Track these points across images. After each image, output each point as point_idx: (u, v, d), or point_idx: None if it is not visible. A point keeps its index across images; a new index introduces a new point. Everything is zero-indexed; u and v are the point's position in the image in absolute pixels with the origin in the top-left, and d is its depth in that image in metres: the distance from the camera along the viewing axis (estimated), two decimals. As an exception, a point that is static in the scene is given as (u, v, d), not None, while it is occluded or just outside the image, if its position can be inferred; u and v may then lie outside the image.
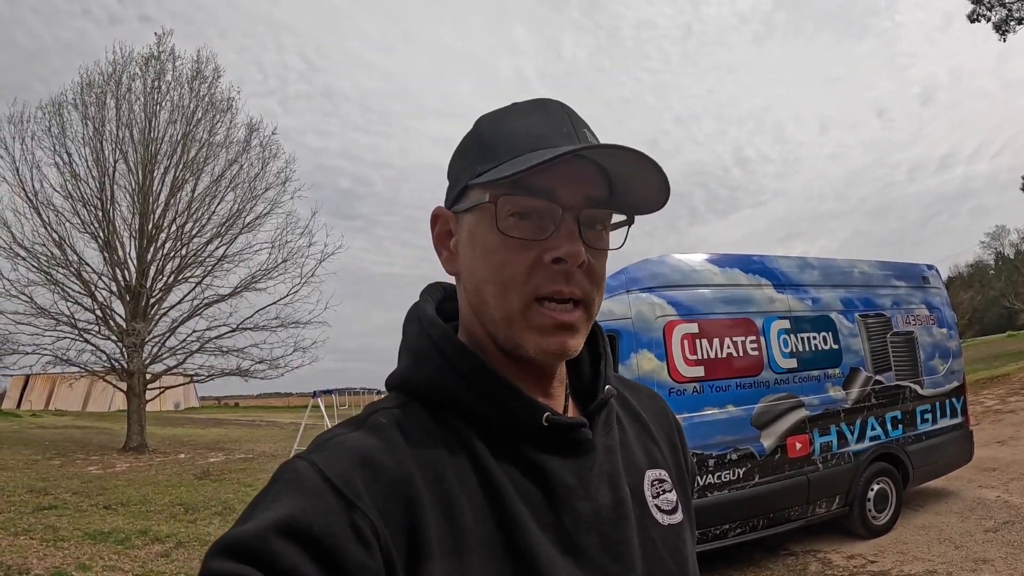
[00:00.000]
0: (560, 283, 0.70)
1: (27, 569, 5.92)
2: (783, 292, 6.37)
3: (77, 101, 17.54)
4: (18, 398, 48.48)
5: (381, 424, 0.69)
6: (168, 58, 18.63)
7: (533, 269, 0.70)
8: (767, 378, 5.94)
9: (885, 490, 6.56)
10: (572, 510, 0.70)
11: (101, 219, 17.64)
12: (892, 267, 7.52)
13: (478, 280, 0.73)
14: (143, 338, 17.87)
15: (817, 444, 6.07)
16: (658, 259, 6.00)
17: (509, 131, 0.73)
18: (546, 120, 0.73)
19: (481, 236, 0.72)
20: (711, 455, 5.46)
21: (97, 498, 9.95)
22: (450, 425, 0.71)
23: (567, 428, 0.73)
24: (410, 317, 0.81)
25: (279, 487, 0.62)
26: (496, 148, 0.72)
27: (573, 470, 0.72)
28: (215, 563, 0.56)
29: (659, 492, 0.82)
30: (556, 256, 0.69)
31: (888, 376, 6.79)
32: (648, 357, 5.49)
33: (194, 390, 55.81)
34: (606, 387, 0.82)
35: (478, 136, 0.76)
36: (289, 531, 0.56)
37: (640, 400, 0.93)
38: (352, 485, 0.61)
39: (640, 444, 0.85)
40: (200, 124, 18.59)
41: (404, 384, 0.76)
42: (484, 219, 0.71)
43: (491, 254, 0.71)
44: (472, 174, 0.73)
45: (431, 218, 0.80)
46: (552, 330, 0.71)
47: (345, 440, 0.66)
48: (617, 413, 0.85)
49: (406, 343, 0.80)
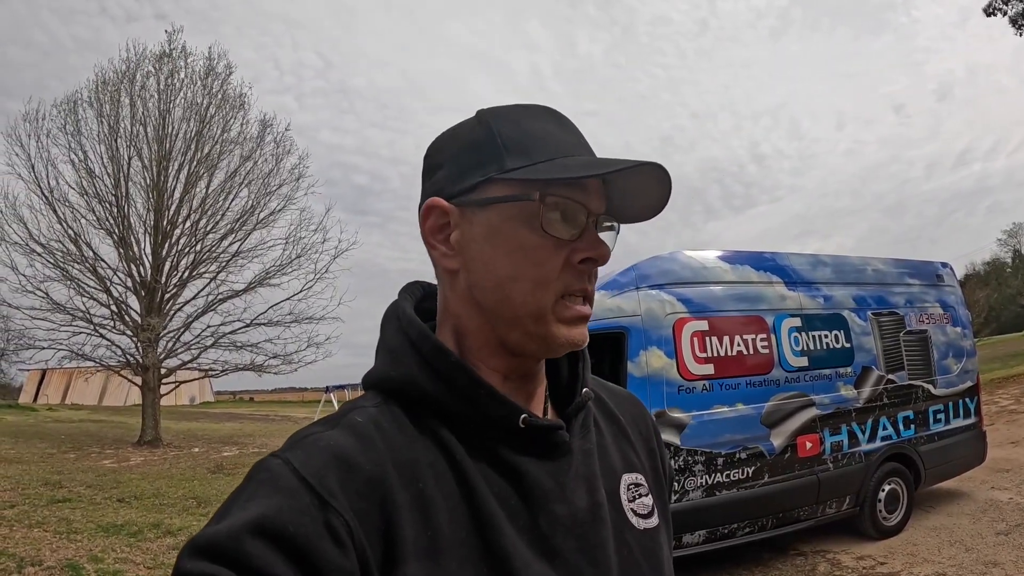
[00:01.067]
0: (584, 281, 0.74)
1: (40, 561, 5.98)
2: (795, 289, 6.33)
3: (92, 99, 17.69)
4: (35, 392, 49.03)
5: (357, 423, 0.69)
6: (180, 55, 18.76)
7: (564, 268, 0.72)
8: (777, 376, 5.91)
9: (896, 491, 6.51)
10: (548, 512, 0.70)
11: (116, 215, 17.79)
12: (906, 265, 7.44)
13: (500, 277, 0.72)
14: (158, 333, 18.01)
15: (828, 443, 6.04)
16: (668, 256, 5.98)
17: (537, 132, 0.74)
18: (563, 128, 0.76)
19: (512, 233, 0.72)
20: (720, 453, 5.44)
21: (111, 491, 10.04)
22: (427, 425, 0.71)
23: (544, 430, 0.73)
24: (388, 315, 0.81)
25: (253, 486, 0.61)
26: (527, 147, 0.72)
27: (550, 472, 0.73)
28: (189, 563, 0.56)
29: (635, 496, 0.82)
30: (587, 256, 0.72)
31: (901, 375, 6.73)
32: (657, 355, 5.47)
33: (209, 385, 56.15)
34: (583, 389, 0.81)
35: (494, 132, 0.75)
36: (263, 531, 0.56)
37: (618, 403, 0.92)
38: (327, 484, 0.61)
39: (617, 447, 0.85)
40: (213, 120, 18.70)
41: (381, 383, 0.76)
42: (517, 215, 0.71)
43: (526, 252, 0.71)
44: (500, 167, 0.72)
45: (424, 210, 0.77)
46: (576, 322, 0.74)
47: (320, 438, 0.66)
48: (595, 416, 0.85)
49: (383, 341, 0.79)
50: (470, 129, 0.77)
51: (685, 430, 5.35)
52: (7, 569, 5.72)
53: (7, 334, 18.97)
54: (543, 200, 0.70)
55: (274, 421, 30.91)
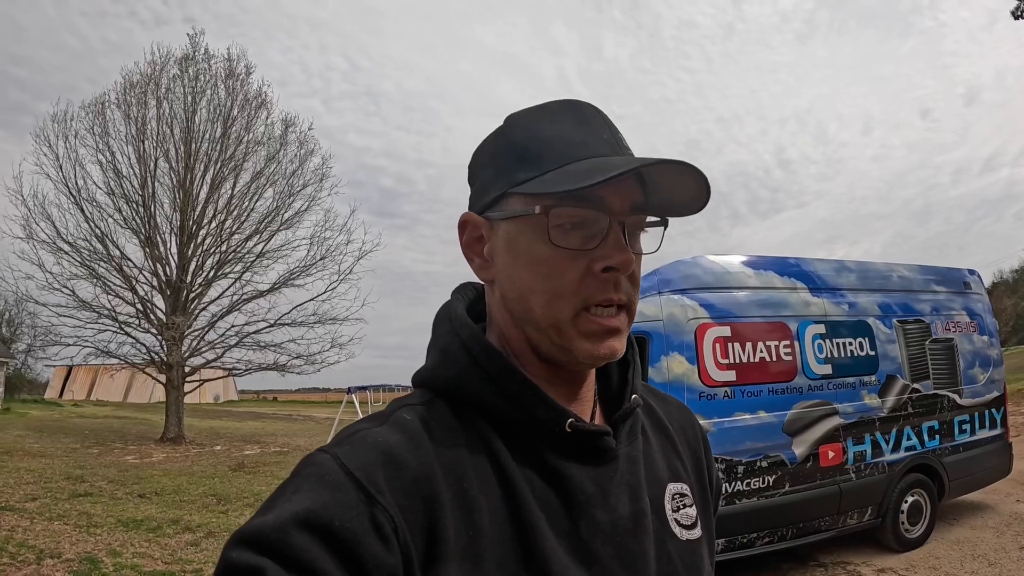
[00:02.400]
0: (610, 291, 0.71)
1: (59, 553, 6.09)
2: (819, 296, 6.26)
3: (120, 100, 17.98)
4: (61, 388, 49.83)
5: (405, 421, 0.69)
6: (203, 57, 19.03)
7: (583, 278, 0.70)
8: (800, 384, 5.84)
9: (919, 502, 6.40)
10: (589, 518, 0.70)
11: (143, 215, 18.10)
12: (932, 271, 7.33)
13: (522, 289, 0.72)
14: (182, 332, 18.28)
15: (851, 453, 5.95)
16: (691, 260, 5.93)
17: (549, 137, 0.72)
18: (584, 126, 0.74)
19: (526, 246, 0.72)
20: (741, 461, 5.39)
21: (132, 487, 10.20)
22: (474, 425, 0.71)
23: (590, 435, 0.73)
24: (441, 315, 0.81)
25: (301, 480, 0.62)
26: (538, 155, 0.71)
27: (593, 478, 0.72)
28: (234, 553, 0.56)
29: (679, 506, 0.81)
30: (608, 265, 0.70)
31: (926, 384, 6.62)
32: (679, 360, 5.44)
33: (233, 384, 56.73)
34: (632, 396, 0.81)
35: (512, 140, 0.75)
36: (309, 524, 0.57)
37: (667, 411, 0.92)
38: (374, 480, 0.61)
39: (663, 456, 0.85)
40: (237, 121, 18.91)
41: (431, 381, 0.76)
42: (529, 228, 0.71)
43: (539, 264, 0.71)
44: (512, 181, 0.72)
45: (459, 224, 0.79)
46: (602, 335, 0.72)
47: (369, 435, 0.66)
48: (643, 423, 0.84)
49: (435, 341, 0.80)
50: (493, 139, 0.78)
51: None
52: (26, 560, 5.81)
53: (34, 330, 19.34)
54: (547, 213, 0.69)
55: (296, 421, 31.17)
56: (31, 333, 31.83)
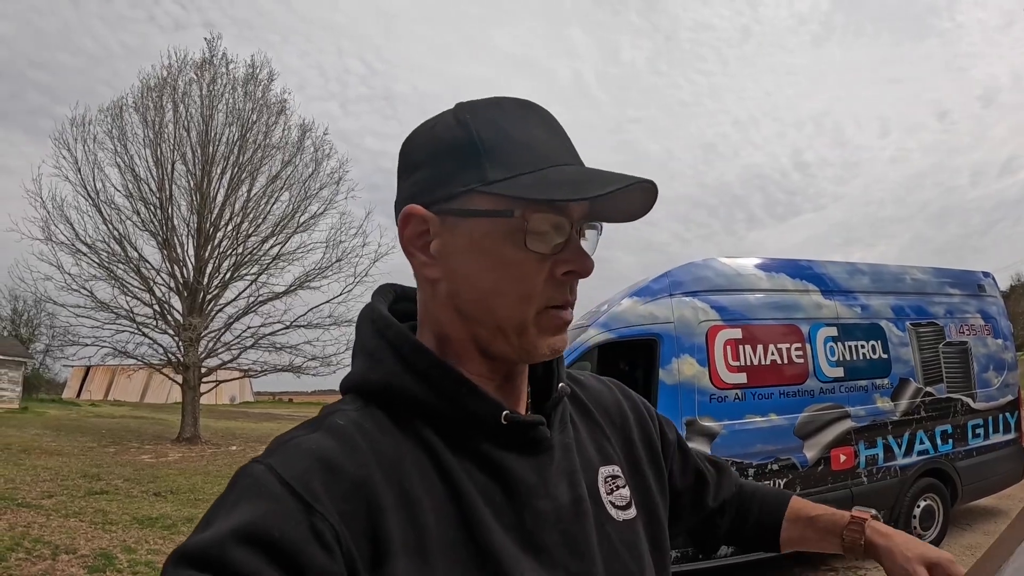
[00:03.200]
0: (567, 294, 0.73)
1: (74, 549, 6.18)
2: (831, 298, 6.25)
3: (137, 104, 18.17)
4: (78, 388, 50.28)
5: (339, 426, 0.68)
6: (221, 62, 19.18)
7: (547, 281, 0.71)
8: (812, 387, 5.84)
9: (932, 507, 6.37)
10: (532, 508, 0.71)
11: (160, 218, 18.28)
12: (946, 274, 7.28)
13: (483, 291, 0.71)
14: (199, 333, 18.43)
15: (863, 457, 5.94)
16: (702, 262, 5.95)
17: (518, 139, 0.71)
18: (548, 131, 0.74)
19: (494, 248, 0.70)
20: (751, 464, 5.40)
21: (148, 485, 10.32)
22: (409, 425, 0.71)
23: (526, 426, 0.74)
24: (363, 317, 0.80)
25: (237, 492, 0.61)
26: (509, 155, 0.70)
27: (533, 468, 0.73)
28: (174, 572, 0.55)
29: (613, 488, 0.82)
30: (570, 270, 0.71)
31: (939, 388, 6.59)
32: (690, 362, 5.45)
33: (249, 385, 57.05)
34: (559, 384, 0.82)
35: (474, 135, 0.71)
36: (249, 537, 0.56)
37: (589, 395, 0.92)
38: (311, 488, 0.60)
39: (592, 440, 0.86)
40: (255, 126, 19.06)
41: (360, 386, 0.75)
42: (499, 230, 0.69)
43: (510, 267, 0.70)
44: (481, 179, 0.69)
45: (402, 217, 0.74)
46: (558, 330, 0.74)
47: (303, 442, 0.65)
48: (570, 411, 0.85)
49: (360, 344, 0.79)
50: (448, 128, 0.73)
51: (716, 439, 5.32)
52: (42, 556, 5.90)
53: (52, 331, 19.57)
54: (526, 218, 0.68)
55: (310, 422, 31.22)
56: (49, 333, 32.12)
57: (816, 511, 0.98)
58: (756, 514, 1.02)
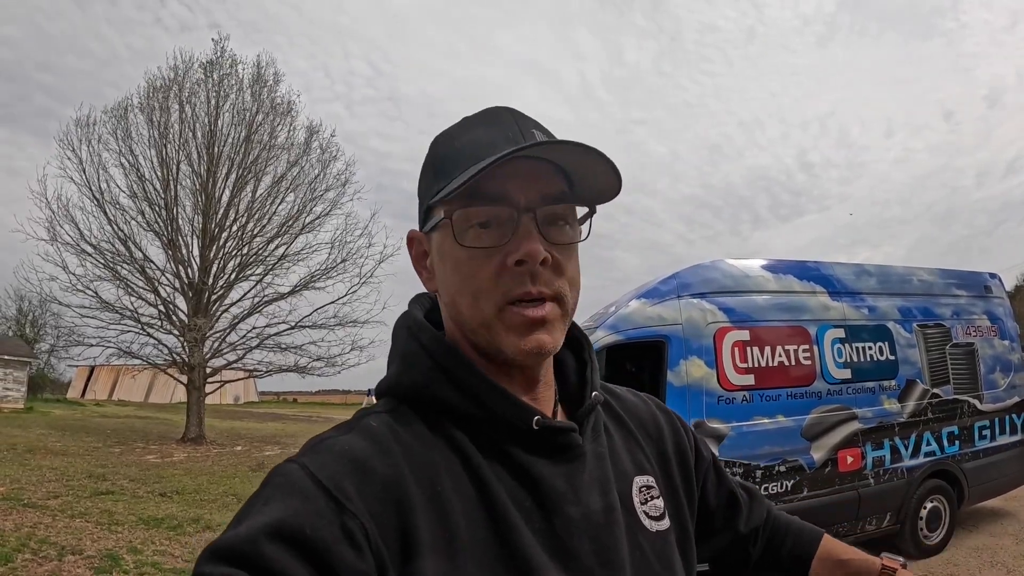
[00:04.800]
0: (527, 284, 0.71)
1: (80, 550, 6.18)
2: (838, 300, 6.26)
3: (143, 104, 18.21)
4: (83, 388, 50.39)
5: (372, 427, 0.70)
6: (228, 63, 19.23)
7: (499, 274, 0.71)
8: (820, 388, 5.84)
9: (939, 508, 6.37)
10: (562, 515, 0.71)
11: (165, 218, 18.32)
12: (953, 275, 7.28)
13: (452, 293, 0.74)
14: (204, 333, 18.46)
15: (870, 458, 5.94)
16: (710, 264, 5.96)
17: (460, 146, 0.74)
18: (493, 128, 0.74)
19: (447, 251, 0.74)
20: (759, 466, 5.40)
21: (153, 485, 10.33)
22: (441, 428, 0.72)
23: (557, 432, 0.74)
24: (399, 324, 0.83)
25: (270, 490, 0.62)
26: (448, 165, 0.74)
27: (563, 475, 0.73)
28: (207, 568, 0.56)
29: (647, 498, 0.82)
30: (517, 258, 0.70)
31: (946, 389, 6.59)
32: (697, 364, 5.46)
33: (254, 385, 57.17)
34: (593, 393, 0.82)
35: (433, 155, 0.78)
36: (280, 534, 0.57)
37: (625, 407, 0.93)
38: (343, 488, 0.61)
39: (627, 450, 0.86)
40: (261, 127, 19.09)
41: (394, 389, 0.77)
42: (447, 235, 0.73)
43: (459, 266, 0.73)
44: (431, 193, 0.75)
45: (407, 242, 0.82)
46: (527, 328, 0.71)
47: (336, 443, 0.67)
48: (604, 420, 0.86)
49: (395, 348, 0.80)
50: (425, 158, 0.80)
51: (724, 441, 5.32)
52: (48, 556, 5.90)
53: (57, 331, 19.60)
54: (451, 217, 0.71)
55: (316, 422, 31.29)
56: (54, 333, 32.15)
57: (847, 554, 0.98)
58: (789, 547, 1.01)
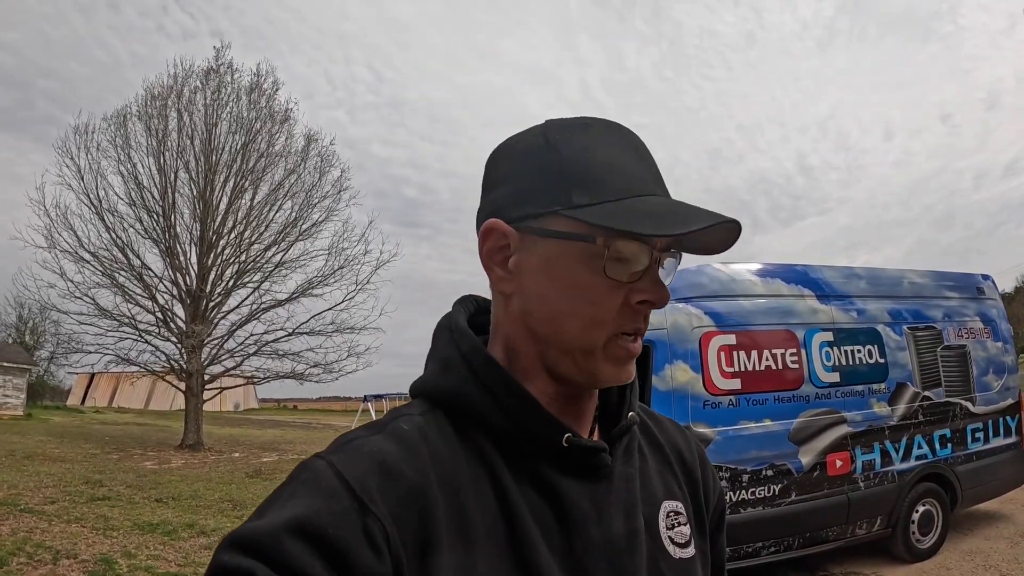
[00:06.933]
0: (640, 322, 0.72)
1: (75, 554, 6.23)
2: (827, 303, 6.22)
3: (141, 112, 18.30)
4: (83, 395, 50.49)
5: (402, 431, 0.69)
6: (227, 71, 19.32)
7: (621, 308, 0.70)
8: (807, 392, 5.81)
9: (931, 512, 6.34)
10: (584, 535, 0.70)
11: (163, 226, 18.40)
12: (945, 277, 7.25)
13: (556, 312, 0.71)
14: (202, 340, 18.51)
15: (859, 462, 5.90)
16: (696, 268, 5.93)
17: (604, 163, 0.71)
18: (637, 157, 0.73)
19: (569, 270, 0.70)
20: (746, 470, 5.37)
21: (150, 491, 10.38)
22: (471, 437, 0.71)
23: (587, 452, 0.73)
24: (441, 326, 0.81)
25: (296, 485, 0.62)
26: (596, 181, 0.70)
27: (589, 495, 0.73)
28: (226, 556, 0.56)
29: (674, 524, 0.81)
30: (645, 299, 0.70)
31: (937, 392, 6.55)
32: (683, 368, 5.44)
33: (254, 392, 57.14)
34: (629, 413, 0.81)
35: (562, 156, 0.72)
36: (302, 531, 0.57)
37: (663, 431, 0.91)
38: (368, 489, 0.61)
39: (659, 474, 0.84)
40: (259, 135, 19.18)
41: (429, 392, 0.76)
42: (577, 254, 0.69)
43: (582, 290, 0.70)
44: (566, 202, 0.69)
45: (484, 231, 0.75)
46: (626, 360, 0.73)
47: (365, 443, 0.66)
48: (639, 441, 0.84)
49: (434, 351, 0.79)
50: (536, 148, 0.74)
51: (710, 445, 5.28)
52: (43, 560, 5.97)
53: (56, 338, 19.65)
54: (607, 246, 0.68)
55: (315, 429, 31.36)
56: (53, 341, 32.19)
57: None
58: None
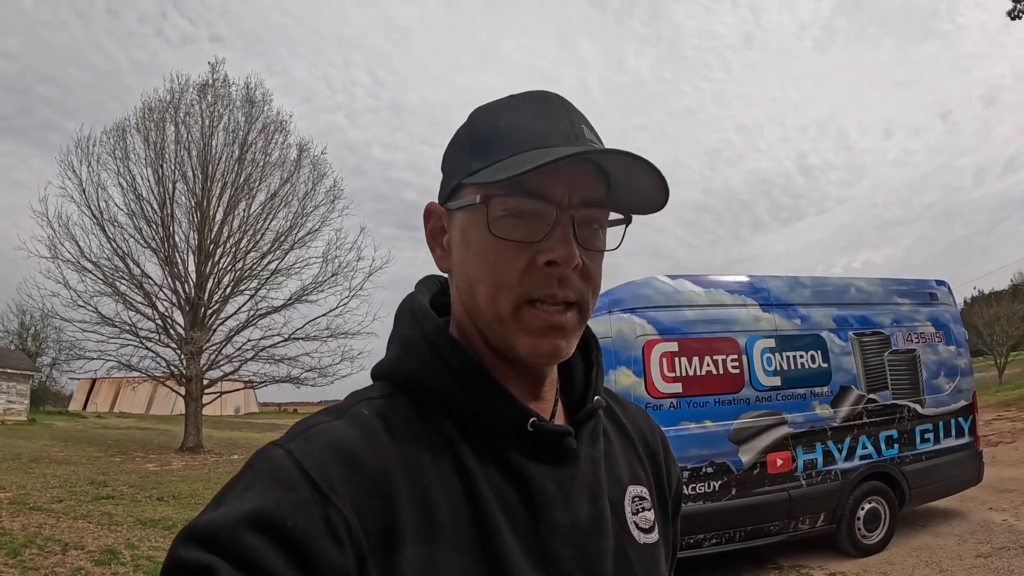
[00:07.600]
0: (553, 286, 0.68)
1: (82, 546, 6.73)
2: (770, 311, 6.52)
3: (139, 125, 18.75)
4: (84, 400, 51.00)
5: (363, 416, 0.67)
6: (222, 84, 19.78)
7: (526, 271, 0.68)
8: (748, 395, 6.11)
9: (877, 509, 6.59)
10: (549, 519, 0.69)
11: (162, 236, 18.86)
12: (896, 284, 7.51)
13: (471, 280, 0.71)
14: (201, 346, 18.91)
15: (800, 461, 6.19)
16: (642, 281, 6.26)
17: (505, 127, 0.70)
18: (544, 116, 0.71)
19: (474, 236, 0.70)
20: (686, 467, 5.66)
21: (151, 491, 10.83)
22: (434, 421, 0.70)
23: (552, 435, 0.71)
24: (403, 307, 0.79)
25: (252, 475, 0.60)
26: (491, 145, 0.70)
27: (554, 479, 0.71)
28: (183, 550, 0.54)
29: (639, 509, 0.79)
30: (549, 259, 0.67)
31: (884, 395, 6.81)
32: (626, 373, 5.76)
33: (254, 396, 57.52)
34: (595, 397, 0.80)
35: (472, 130, 0.73)
36: (261, 524, 0.55)
37: (627, 415, 0.90)
38: (329, 479, 0.59)
39: (624, 458, 0.83)
40: (254, 146, 19.65)
41: (390, 375, 0.74)
42: (477, 219, 0.69)
43: (484, 255, 0.69)
44: (466, 171, 0.71)
45: (424, 214, 0.77)
46: (544, 332, 0.69)
47: (326, 430, 0.64)
48: (604, 425, 0.83)
49: (396, 333, 0.77)
50: (460, 131, 0.76)
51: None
52: (53, 551, 6.45)
53: (59, 345, 20.07)
54: (487, 203, 0.67)
55: (315, 432, 31.59)
56: (56, 347, 32.61)
57: None
58: None
